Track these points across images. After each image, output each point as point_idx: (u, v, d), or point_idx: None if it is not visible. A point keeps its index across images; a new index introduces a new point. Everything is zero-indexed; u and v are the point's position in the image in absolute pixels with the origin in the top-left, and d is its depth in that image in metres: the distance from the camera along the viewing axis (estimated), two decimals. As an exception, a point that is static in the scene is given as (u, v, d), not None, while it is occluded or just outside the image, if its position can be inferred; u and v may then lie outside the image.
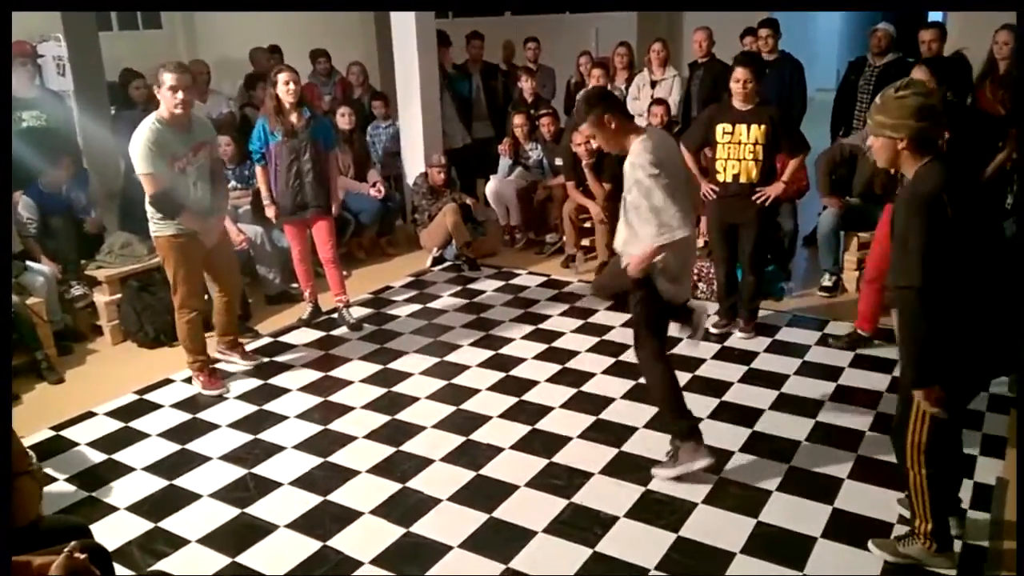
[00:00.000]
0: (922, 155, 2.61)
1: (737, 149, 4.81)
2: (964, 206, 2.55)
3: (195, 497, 3.63)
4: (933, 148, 2.63)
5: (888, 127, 2.60)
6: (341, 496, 3.59)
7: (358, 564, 3.14)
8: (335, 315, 5.62)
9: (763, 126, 4.74)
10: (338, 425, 4.21)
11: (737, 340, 5.04)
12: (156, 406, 4.51)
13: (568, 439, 3.96)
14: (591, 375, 4.65)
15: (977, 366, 2.76)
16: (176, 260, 4.47)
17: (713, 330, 5.08)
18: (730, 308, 5.20)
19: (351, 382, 4.71)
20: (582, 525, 3.31)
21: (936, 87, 2.63)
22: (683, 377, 4.47)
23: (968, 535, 3.10)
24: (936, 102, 2.62)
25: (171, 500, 3.61)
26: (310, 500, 3.56)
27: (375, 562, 3.15)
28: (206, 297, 4.86)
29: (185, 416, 4.38)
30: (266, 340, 5.36)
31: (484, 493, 3.56)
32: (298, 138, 5.13)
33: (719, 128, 4.84)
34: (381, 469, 3.79)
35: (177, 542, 3.32)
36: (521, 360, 4.90)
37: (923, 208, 2.53)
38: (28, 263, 5.32)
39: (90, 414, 4.44)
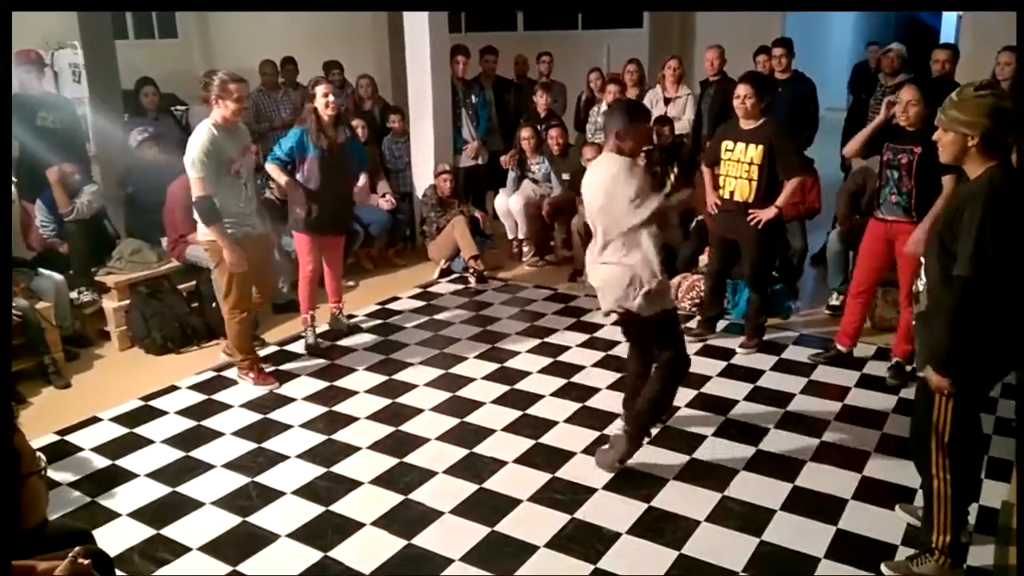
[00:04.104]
0: (989, 157, 2.69)
1: (736, 167, 4.84)
2: (1015, 209, 2.65)
3: (197, 505, 3.63)
4: (1000, 151, 2.71)
5: (963, 123, 2.67)
6: (343, 507, 3.58)
7: (359, 575, 3.14)
8: (328, 324, 5.64)
9: (760, 146, 4.73)
10: (342, 435, 4.22)
11: (743, 358, 5.03)
12: (161, 413, 4.52)
13: (572, 454, 3.95)
14: (596, 390, 4.64)
15: (997, 360, 2.84)
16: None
17: (687, 338, 5.14)
18: (709, 320, 5.32)
19: (356, 392, 4.71)
20: (584, 541, 3.30)
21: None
22: (688, 394, 4.49)
23: (973, 558, 3.08)
24: (1010, 107, 2.69)
25: (174, 507, 3.62)
26: (312, 510, 3.56)
27: (376, 573, 3.14)
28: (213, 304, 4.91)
29: (190, 423, 4.39)
30: (272, 349, 5.37)
31: (486, 506, 3.55)
32: (337, 157, 5.10)
33: (723, 145, 4.90)
34: (384, 480, 3.78)
35: (178, 549, 3.32)
36: (526, 373, 4.90)
37: (997, 203, 2.62)
38: (39, 269, 5.35)
39: (95, 419, 4.45)
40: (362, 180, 5.53)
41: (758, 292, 5.10)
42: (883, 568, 3.06)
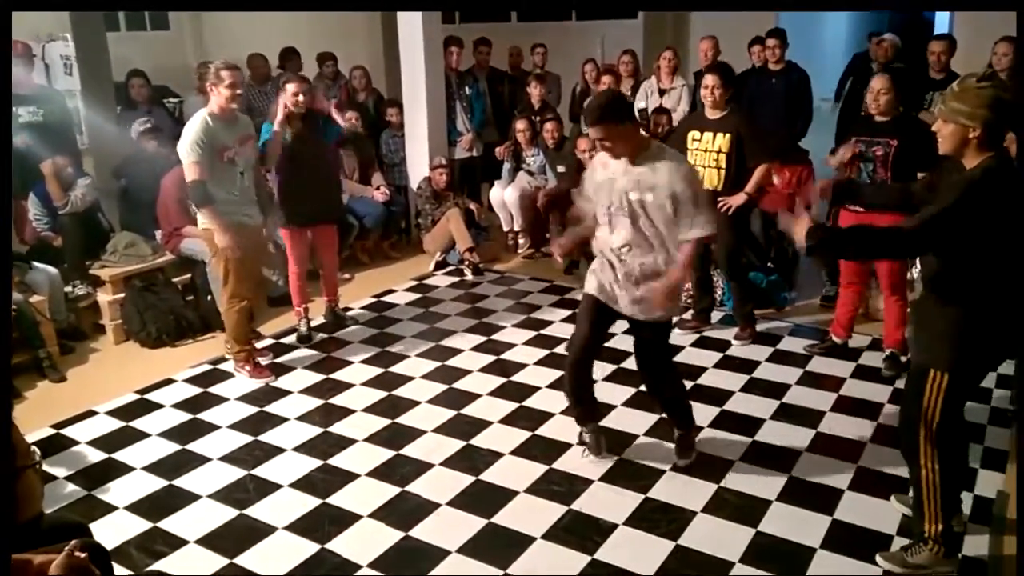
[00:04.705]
0: (988, 149, 2.68)
1: (704, 156, 4.89)
2: (1012, 201, 2.64)
3: (194, 498, 3.63)
4: (999, 143, 2.70)
5: (964, 115, 2.65)
6: (340, 499, 3.59)
7: (356, 567, 3.14)
8: (324, 317, 5.63)
9: (728, 135, 4.80)
10: (338, 428, 4.22)
11: (738, 349, 5.05)
12: (157, 406, 4.51)
13: (568, 445, 3.95)
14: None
15: (992, 349, 2.86)
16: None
17: (678, 331, 5.22)
18: (702, 311, 5.36)
19: (352, 385, 4.71)
20: (581, 532, 3.31)
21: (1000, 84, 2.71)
22: (685, 385, 4.49)
23: (968, 548, 3.10)
24: (1010, 98, 2.68)
25: (170, 500, 3.62)
26: (309, 502, 3.56)
27: (373, 565, 3.15)
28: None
29: (186, 416, 4.39)
30: (268, 341, 5.36)
31: (483, 498, 3.56)
32: (310, 146, 5.09)
33: (689, 135, 4.95)
34: (380, 473, 3.78)
35: (175, 542, 3.32)
36: (523, 365, 4.90)
37: (968, 189, 2.62)
38: (33, 263, 5.33)
39: (91, 413, 4.44)
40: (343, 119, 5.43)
41: (734, 279, 5.15)
42: (878, 559, 3.08)
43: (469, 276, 6.61)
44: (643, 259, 3.45)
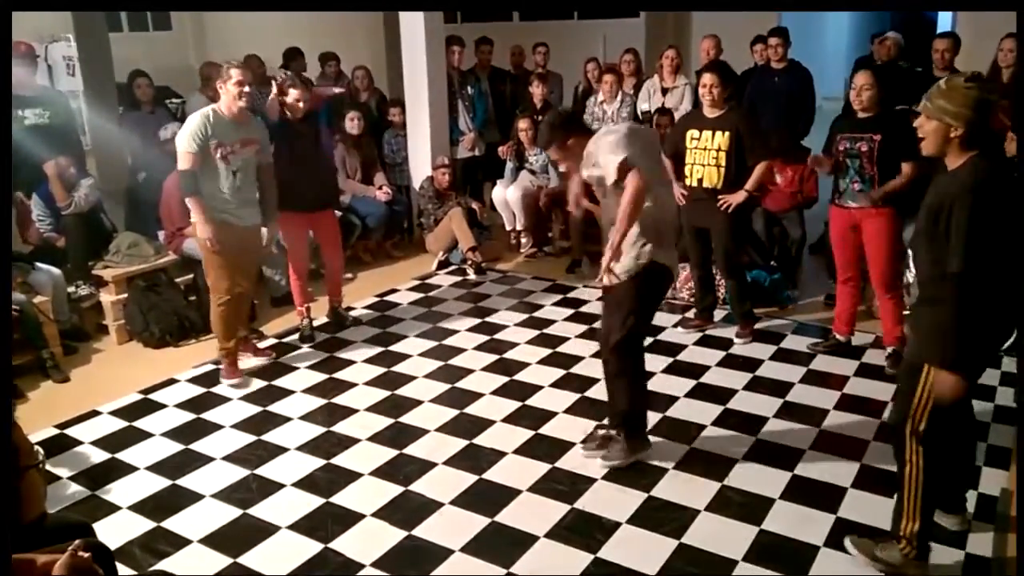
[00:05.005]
0: (969, 148, 2.68)
1: (703, 155, 4.92)
2: (1003, 198, 2.65)
3: (198, 497, 3.63)
4: (980, 143, 2.69)
5: (949, 113, 2.65)
6: (343, 498, 3.59)
7: (359, 566, 3.14)
8: (327, 316, 5.63)
9: (727, 133, 4.83)
10: (341, 427, 4.22)
11: (741, 347, 5.04)
12: (160, 406, 4.52)
13: (571, 444, 3.95)
14: (595, 380, 4.63)
15: (990, 346, 2.86)
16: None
17: (681, 329, 5.27)
18: (705, 309, 5.36)
19: (355, 384, 4.71)
20: (584, 531, 3.30)
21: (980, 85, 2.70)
22: (687, 384, 4.51)
23: (972, 545, 3.09)
24: (995, 100, 2.68)
25: (174, 500, 3.62)
26: (312, 502, 3.57)
27: (376, 565, 3.15)
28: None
29: (189, 416, 4.39)
30: (271, 341, 5.36)
31: (486, 497, 3.56)
32: (305, 132, 5.12)
33: (688, 134, 4.98)
34: (384, 472, 3.79)
35: (179, 542, 3.32)
36: (525, 364, 4.90)
37: (971, 199, 2.61)
38: (36, 263, 5.34)
39: (94, 413, 4.45)
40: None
41: (732, 278, 5.15)
42: (847, 543, 3.07)
43: (472, 275, 6.61)
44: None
